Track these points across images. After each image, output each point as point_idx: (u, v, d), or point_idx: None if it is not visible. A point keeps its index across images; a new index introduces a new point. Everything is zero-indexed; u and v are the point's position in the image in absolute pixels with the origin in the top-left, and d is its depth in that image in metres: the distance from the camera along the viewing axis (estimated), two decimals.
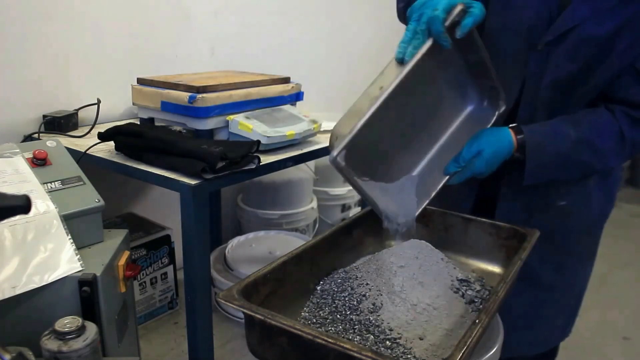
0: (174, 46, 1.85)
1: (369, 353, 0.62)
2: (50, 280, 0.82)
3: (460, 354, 0.63)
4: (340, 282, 0.92)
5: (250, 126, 1.28)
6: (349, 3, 2.57)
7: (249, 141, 1.27)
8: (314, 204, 2.23)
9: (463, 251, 1.05)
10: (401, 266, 0.91)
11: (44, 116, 1.49)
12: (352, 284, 0.90)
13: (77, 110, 1.56)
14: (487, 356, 0.87)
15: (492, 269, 1.03)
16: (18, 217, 0.81)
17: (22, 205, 0.70)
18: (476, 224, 1.05)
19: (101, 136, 1.27)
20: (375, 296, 0.87)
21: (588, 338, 2.11)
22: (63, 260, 0.85)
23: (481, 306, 0.86)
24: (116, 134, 1.27)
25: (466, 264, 1.02)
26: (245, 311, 0.72)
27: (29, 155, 1.00)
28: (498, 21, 0.98)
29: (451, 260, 0.97)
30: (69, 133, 1.47)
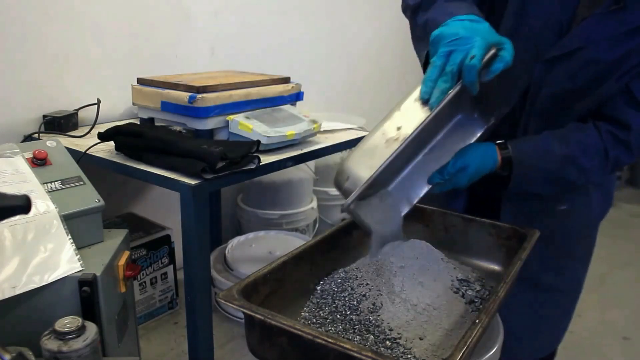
0: (174, 46, 1.85)
1: (369, 353, 0.62)
2: (50, 280, 0.82)
3: (460, 354, 0.63)
4: (340, 282, 0.92)
5: (250, 126, 1.28)
6: (349, 3, 2.57)
7: (249, 141, 1.27)
8: (314, 204, 2.23)
9: (463, 251, 1.06)
10: (401, 266, 0.91)
11: (44, 116, 1.49)
12: (352, 284, 0.90)
13: (77, 110, 1.55)
14: (487, 356, 0.87)
15: (492, 269, 1.03)
16: (18, 217, 0.81)
17: (22, 205, 0.70)
18: (476, 224, 1.06)
19: (101, 136, 1.27)
20: (375, 296, 0.87)
21: (588, 338, 2.11)
22: (63, 260, 0.85)
23: (481, 306, 0.86)
24: (116, 134, 1.27)
25: (466, 264, 1.02)
26: (245, 311, 0.72)
27: (29, 155, 0.99)
28: (510, 26, 0.98)
29: (451, 260, 0.97)
30: (69, 133, 1.47)
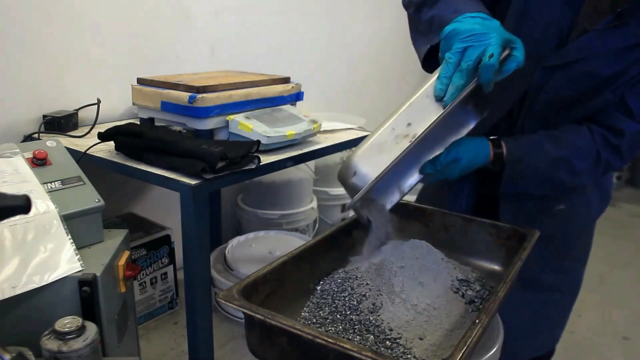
0: (174, 46, 1.85)
1: (369, 353, 0.62)
2: (50, 280, 0.82)
3: (460, 354, 0.63)
4: (340, 282, 0.92)
5: (250, 126, 1.28)
6: (349, 3, 2.57)
7: (249, 141, 1.27)
8: (314, 204, 2.23)
9: (463, 251, 1.06)
10: (401, 266, 0.91)
11: (44, 116, 1.49)
12: (352, 284, 0.90)
13: (77, 110, 1.55)
14: (487, 356, 0.87)
15: (492, 269, 1.03)
16: (18, 217, 0.81)
17: (22, 205, 0.70)
18: (476, 224, 1.06)
19: (101, 136, 1.27)
20: (375, 296, 0.87)
21: (588, 338, 2.11)
22: (63, 260, 0.85)
23: (481, 306, 0.86)
24: (116, 134, 1.27)
25: (466, 264, 1.02)
26: (245, 311, 0.72)
27: (29, 155, 0.99)
28: (512, 28, 0.97)
29: (451, 260, 0.97)
30: (69, 133, 1.47)
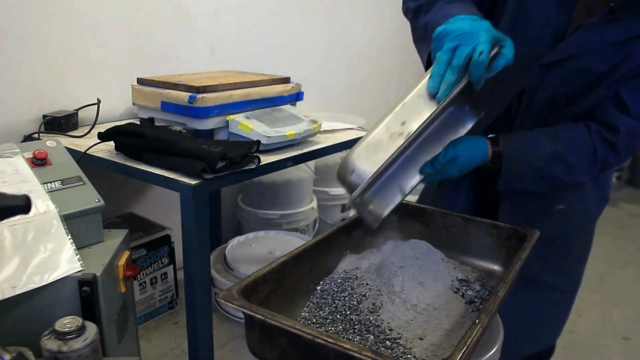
0: (174, 46, 1.85)
1: (369, 353, 0.62)
2: (50, 280, 0.82)
3: (460, 354, 0.63)
4: (340, 282, 0.92)
5: (250, 126, 1.28)
6: (349, 3, 2.57)
7: (249, 141, 1.27)
8: (314, 204, 2.23)
9: (463, 251, 1.06)
10: (401, 266, 0.91)
11: (44, 116, 1.49)
12: (352, 284, 0.90)
13: (77, 110, 1.55)
14: (487, 356, 0.87)
15: (492, 269, 1.03)
16: (18, 217, 0.81)
17: (22, 205, 0.70)
18: (476, 224, 1.06)
19: (101, 136, 1.27)
20: (375, 296, 0.87)
21: (588, 338, 2.11)
22: (63, 260, 0.85)
23: (481, 306, 0.86)
24: (116, 134, 1.27)
25: (466, 264, 1.02)
26: (245, 311, 0.72)
27: (29, 155, 0.99)
28: (508, 27, 0.98)
29: (451, 260, 0.97)
30: (69, 133, 1.47)
